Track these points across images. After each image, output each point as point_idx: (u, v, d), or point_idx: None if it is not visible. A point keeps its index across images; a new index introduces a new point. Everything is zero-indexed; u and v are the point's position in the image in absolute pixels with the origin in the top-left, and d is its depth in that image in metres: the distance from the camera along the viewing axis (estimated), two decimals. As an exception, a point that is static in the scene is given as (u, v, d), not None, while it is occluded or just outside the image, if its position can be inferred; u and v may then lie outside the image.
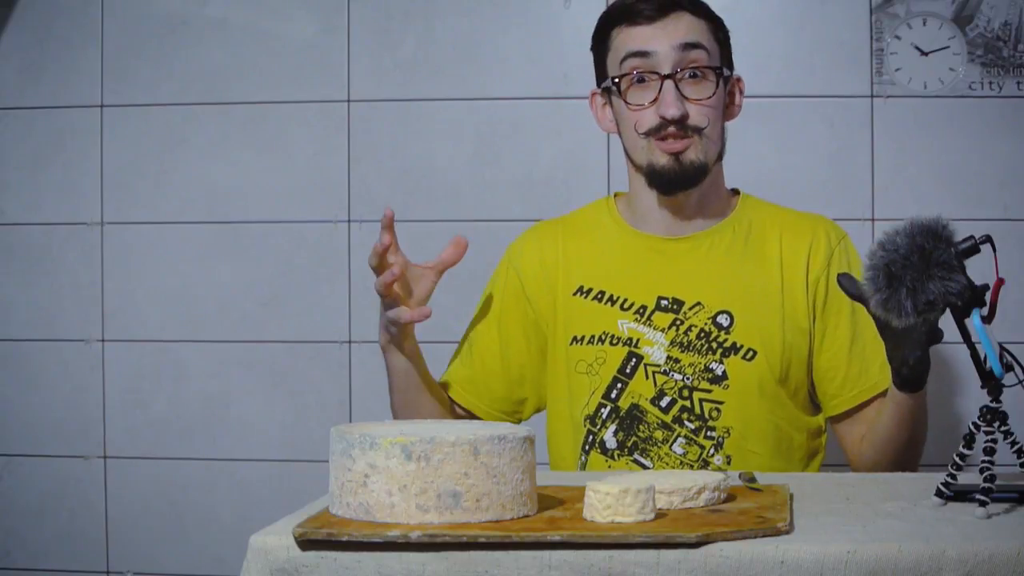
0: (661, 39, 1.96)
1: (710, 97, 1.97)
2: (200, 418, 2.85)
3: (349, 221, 2.80)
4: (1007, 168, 2.66)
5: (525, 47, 2.76)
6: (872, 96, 2.68)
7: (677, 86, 1.95)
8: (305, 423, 2.82)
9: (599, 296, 2.04)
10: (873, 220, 2.67)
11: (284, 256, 2.82)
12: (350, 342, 2.79)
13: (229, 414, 2.84)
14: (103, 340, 2.86)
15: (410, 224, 2.79)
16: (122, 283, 2.86)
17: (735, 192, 2.11)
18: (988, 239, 1.47)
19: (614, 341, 2.00)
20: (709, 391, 1.97)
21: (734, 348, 1.98)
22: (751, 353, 1.97)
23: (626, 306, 2.02)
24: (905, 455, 1.95)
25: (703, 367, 1.97)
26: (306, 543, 1.35)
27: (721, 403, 1.96)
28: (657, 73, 1.96)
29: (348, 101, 2.80)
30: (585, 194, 2.64)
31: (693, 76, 1.96)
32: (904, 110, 2.67)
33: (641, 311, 2.01)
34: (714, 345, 1.98)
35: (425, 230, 2.79)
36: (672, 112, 1.94)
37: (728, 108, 2.04)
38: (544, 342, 2.09)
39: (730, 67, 2.04)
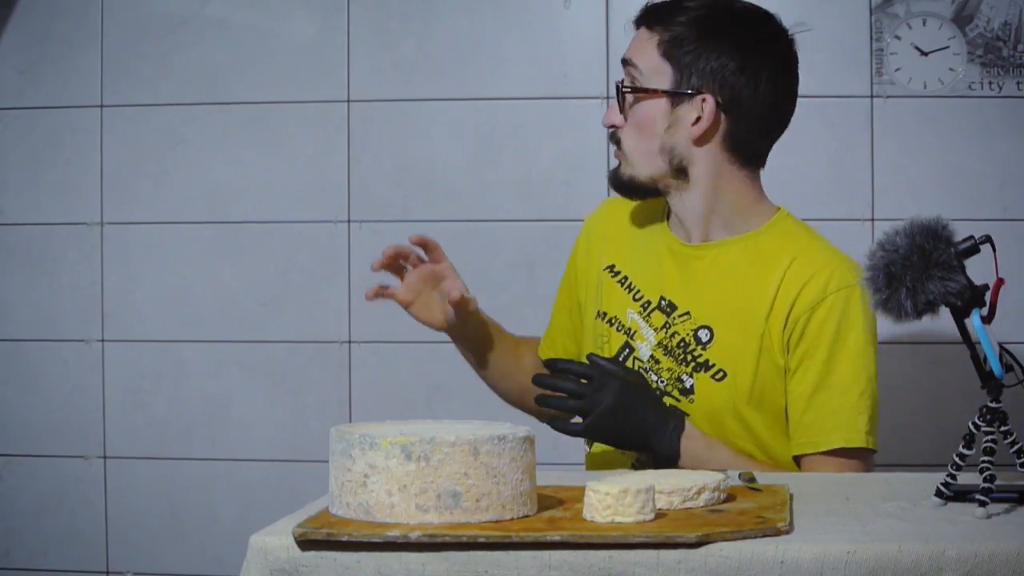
0: (627, 51, 2.01)
1: (620, 113, 2.00)
2: (200, 418, 2.85)
3: (349, 221, 2.80)
4: (1007, 168, 2.66)
5: (525, 47, 2.76)
6: (872, 96, 2.68)
7: (620, 96, 1.99)
8: (305, 423, 2.82)
9: (623, 281, 2.06)
10: (873, 220, 2.67)
11: (284, 256, 2.82)
12: (350, 342, 2.79)
13: (229, 414, 2.84)
14: (103, 340, 2.86)
15: (410, 224, 2.79)
16: (122, 283, 2.86)
17: (776, 209, 2.04)
18: (988, 239, 1.47)
19: (620, 327, 2.03)
20: (678, 401, 1.96)
21: (706, 365, 1.95)
22: (721, 374, 1.94)
23: (637, 297, 2.04)
24: None
25: (676, 376, 1.97)
26: (306, 543, 1.35)
27: (686, 415, 1.94)
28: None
29: (348, 101, 2.80)
30: (585, 194, 2.65)
31: (624, 87, 2.00)
32: (904, 110, 2.67)
33: (646, 305, 2.02)
34: (688, 357, 1.96)
35: (425, 230, 2.78)
36: (603, 120, 2.03)
37: (691, 128, 1.95)
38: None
39: (685, 85, 1.94)
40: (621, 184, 2.02)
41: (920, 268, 1.44)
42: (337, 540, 1.33)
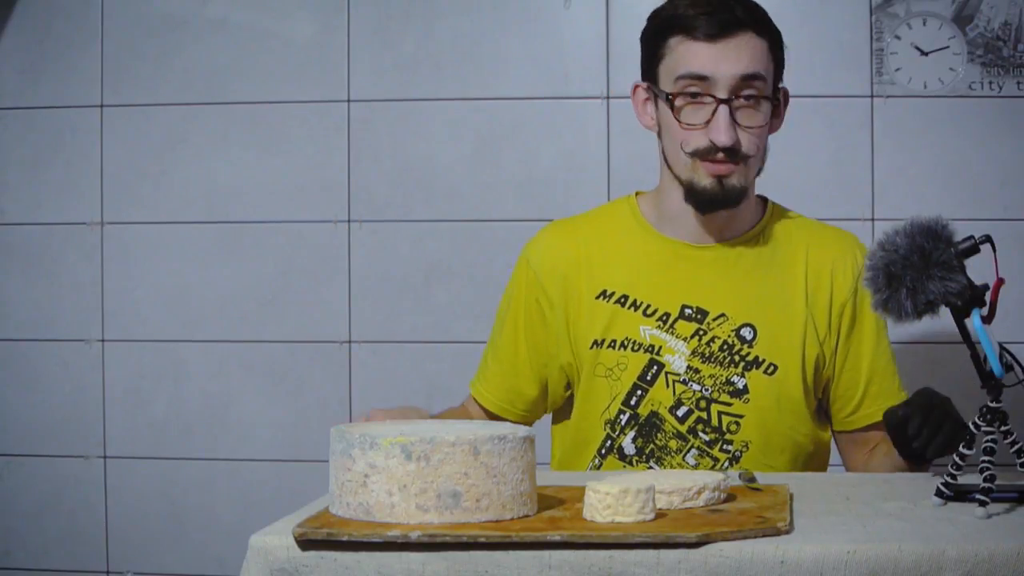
0: (722, 64, 1.89)
1: (762, 126, 1.93)
2: (200, 418, 2.85)
3: (349, 221, 2.80)
4: (1007, 168, 2.66)
5: (525, 47, 2.76)
6: (872, 96, 2.68)
7: (732, 112, 1.90)
8: (305, 423, 2.82)
9: (622, 300, 2.00)
10: (873, 220, 2.67)
11: (284, 256, 2.82)
12: (350, 342, 2.79)
13: (229, 414, 2.84)
14: (103, 340, 2.86)
15: (410, 224, 2.79)
16: (122, 283, 2.86)
17: (762, 199, 2.07)
18: (988, 239, 1.47)
19: (636, 347, 1.98)
20: (729, 404, 1.95)
21: (756, 362, 1.95)
22: (772, 368, 1.95)
23: (649, 312, 1.98)
24: None
25: (724, 380, 1.95)
26: (306, 543, 1.35)
27: (741, 417, 1.95)
28: (713, 96, 1.90)
29: (348, 101, 2.80)
30: (585, 194, 2.65)
31: (748, 100, 1.91)
32: (904, 110, 2.67)
33: (664, 318, 1.98)
34: (736, 358, 1.95)
35: (425, 230, 2.79)
36: (723, 140, 1.89)
37: (772, 121, 1.98)
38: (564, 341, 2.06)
39: (780, 79, 1.99)
40: (735, 194, 1.93)
41: (920, 268, 1.44)
42: (337, 540, 1.33)
